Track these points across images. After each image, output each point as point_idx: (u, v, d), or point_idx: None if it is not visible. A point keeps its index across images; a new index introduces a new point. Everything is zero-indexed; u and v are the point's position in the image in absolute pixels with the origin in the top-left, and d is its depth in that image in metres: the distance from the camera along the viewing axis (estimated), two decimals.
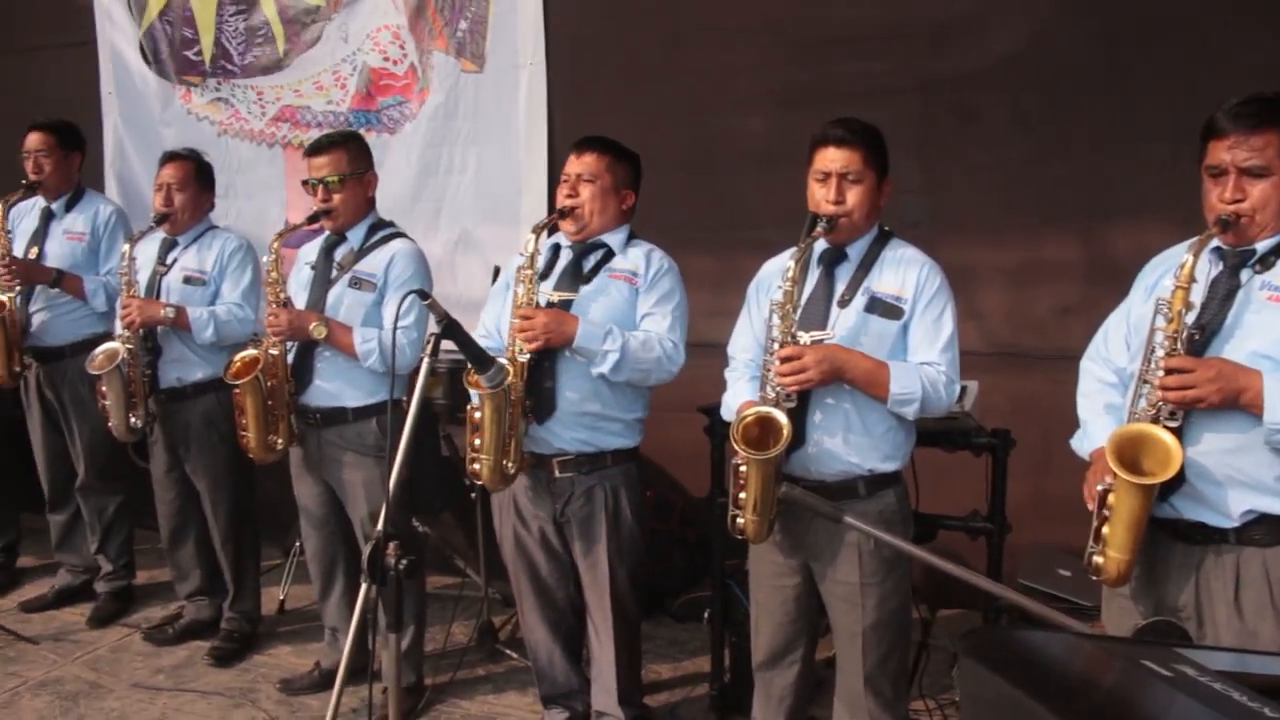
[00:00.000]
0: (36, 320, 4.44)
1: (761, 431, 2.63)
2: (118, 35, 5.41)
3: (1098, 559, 2.28)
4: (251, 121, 5.22)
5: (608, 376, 3.05)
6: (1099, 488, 2.29)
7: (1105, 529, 2.25)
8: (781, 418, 2.59)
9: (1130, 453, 2.21)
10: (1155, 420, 2.23)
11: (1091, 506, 2.32)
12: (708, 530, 4.02)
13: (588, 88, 4.64)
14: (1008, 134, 4.06)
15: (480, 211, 4.82)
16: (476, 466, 3.00)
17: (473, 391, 2.93)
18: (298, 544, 4.58)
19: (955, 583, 2.04)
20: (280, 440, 3.66)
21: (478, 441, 2.97)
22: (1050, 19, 3.96)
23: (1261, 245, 2.28)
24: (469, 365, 2.68)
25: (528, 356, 3.00)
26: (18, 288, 4.32)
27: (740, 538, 2.75)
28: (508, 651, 4.18)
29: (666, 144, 4.28)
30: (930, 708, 3.54)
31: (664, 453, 3.40)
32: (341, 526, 3.82)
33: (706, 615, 4.28)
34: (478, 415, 2.94)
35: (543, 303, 3.07)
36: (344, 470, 3.66)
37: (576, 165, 3.15)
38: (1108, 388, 2.55)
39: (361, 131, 4.44)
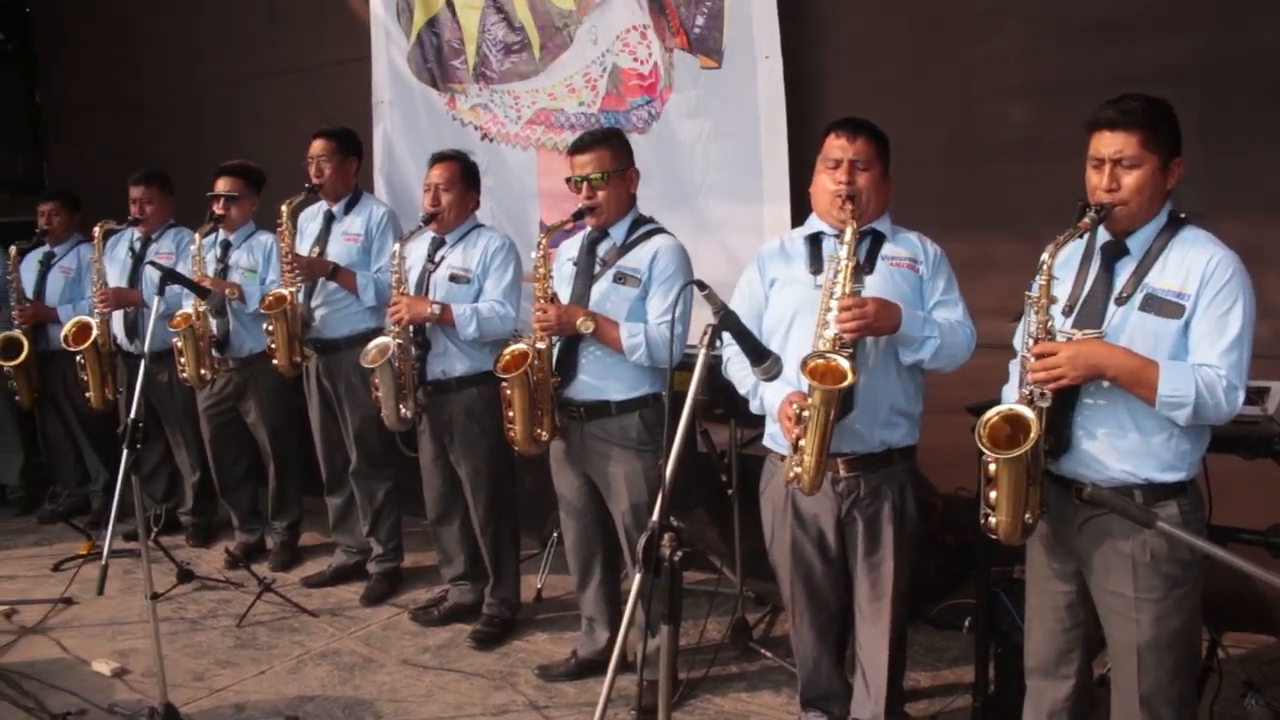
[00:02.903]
0: (317, 315, 4.73)
1: (1012, 430, 2.52)
2: (392, 48, 5.68)
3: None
4: (508, 125, 5.37)
5: (925, 364, 2.96)
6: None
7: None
8: (1030, 415, 2.46)
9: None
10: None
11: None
12: (970, 535, 3.86)
13: (834, 76, 4.52)
14: None
15: (722, 207, 4.76)
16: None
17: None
18: (555, 534, 4.71)
19: (1246, 604, 1.85)
20: (545, 433, 3.75)
21: (802, 444, 2.87)
22: None
23: None
24: None
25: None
26: (300, 283, 4.62)
27: (993, 537, 2.63)
28: (762, 650, 4.14)
29: (924, 133, 4.14)
30: None
31: (924, 453, 3.28)
32: (600, 519, 3.87)
33: (967, 623, 4.12)
34: None
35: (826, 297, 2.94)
36: (606, 463, 3.71)
37: (849, 149, 3.03)
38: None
39: None
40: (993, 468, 2.53)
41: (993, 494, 2.56)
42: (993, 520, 2.59)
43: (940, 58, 4.33)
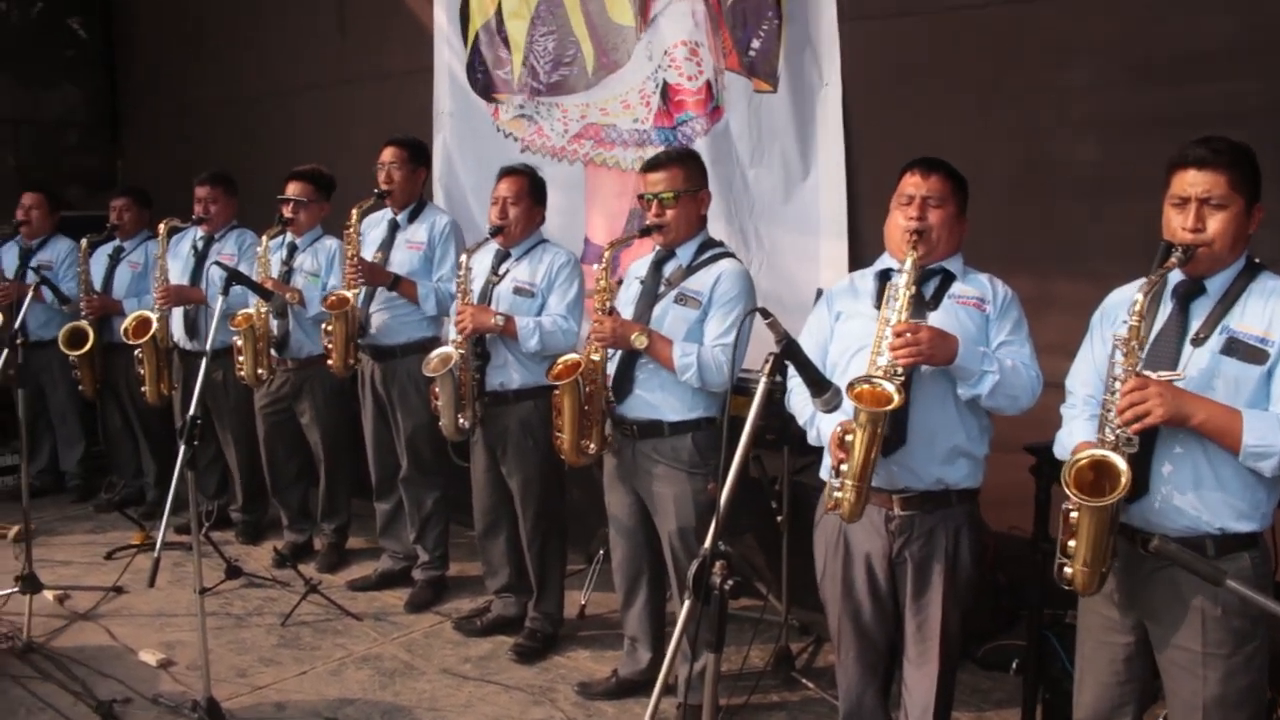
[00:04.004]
0: (375, 321, 4.77)
1: (1096, 477, 2.44)
2: (453, 58, 5.73)
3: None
4: (553, 139, 5.36)
5: (983, 400, 2.89)
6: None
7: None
8: (1120, 463, 2.39)
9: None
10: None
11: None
12: (1023, 576, 3.81)
13: (897, 107, 4.48)
14: None
15: (772, 232, 4.74)
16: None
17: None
18: (601, 552, 4.70)
19: None
20: (592, 445, 3.75)
21: (844, 468, 2.83)
22: None
23: None
24: None
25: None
26: (362, 286, 4.67)
27: (1067, 588, 2.54)
28: (804, 681, 4.10)
29: (991, 166, 4.08)
30: None
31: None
32: (649, 539, 3.86)
33: (1015, 665, 4.07)
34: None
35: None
36: (656, 483, 3.70)
37: (923, 187, 2.98)
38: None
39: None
40: (1074, 515, 2.45)
41: (1071, 542, 2.47)
42: (1069, 570, 2.50)
43: (1007, 90, 4.29)
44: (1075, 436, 2.68)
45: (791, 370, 2.52)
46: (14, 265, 6.19)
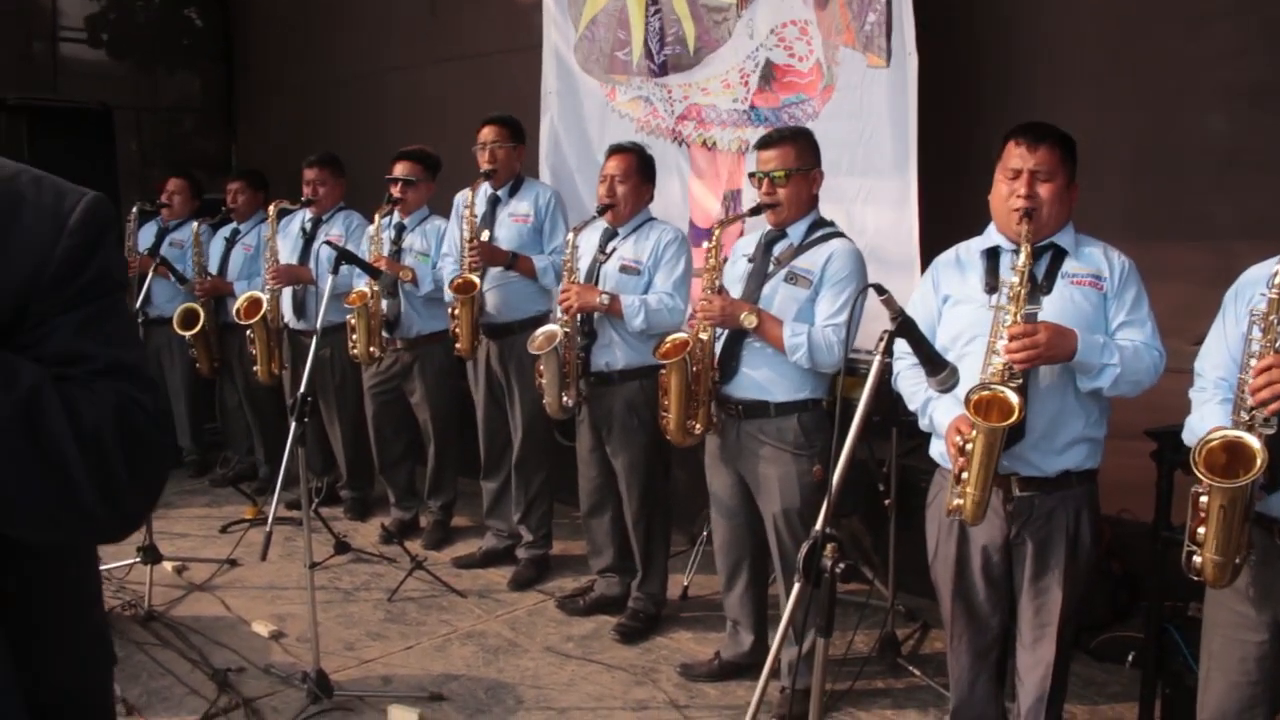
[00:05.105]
0: (490, 299, 4.79)
1: (1229, 459, 2.31)
2: (560, 39, 5.73)
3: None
4: (664, 119, 5.34)
5: (1104, 391, 2.79)
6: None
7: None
8: (1255, 443, 2.26)
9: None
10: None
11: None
12: (1141, 565, 3.67)
13: (1018, 76, 4.35)
14: None
15: (873, 212, 4.54)
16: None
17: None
18: (705, 533, 4.67)
19: None
20: (698, 425, 3.70)
21: (965, 476, 2.75)
22: None
23: None
24: None
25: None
26: (481, 268, 4.69)
27: (1196, 579, 2.42)
28: (910, 667, 4.02)
29: (1114, 139, 3.95)
30: None
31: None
32: (751, 521, 3.81)
33: (1131, 658, 3.93)
34: None
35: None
36: (760, 464, 3.65)
37: (1030, 159, 2.84)
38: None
39: (761, 129, 4.42)
40: (1204, 499, 2.33)
41: (1201, 529, 2.35)
42: (1198, 559, 2.38)
43: (1134, 58, 4.11)
44: (1207, 422, 2.52)
45: (900, 351, 2.45)
46: (148, 244, 6.37)
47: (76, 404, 1.23)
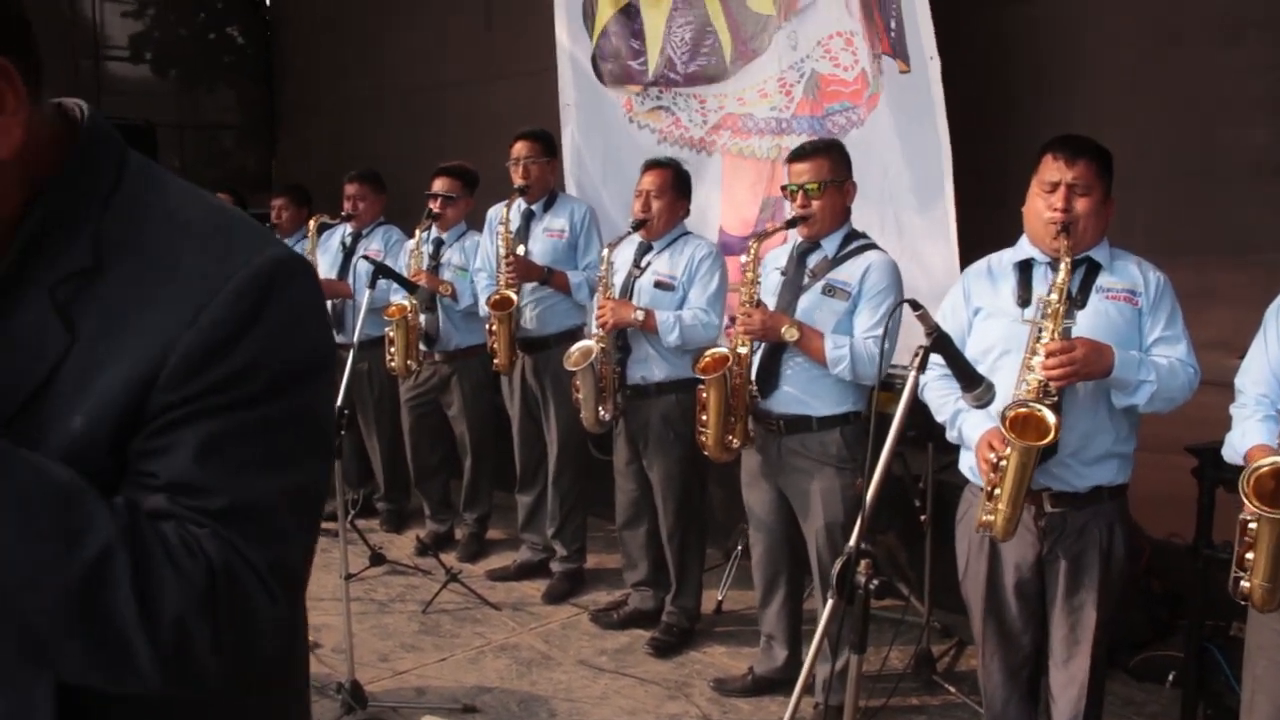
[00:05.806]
0: (526, 314, 4.81)
1: (1278, 485, 2.28)
2: (577, 49, 5.72)
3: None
4: (692, 129, 5.30)
5: (1140, 408, 2.78)
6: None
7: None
8: None
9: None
10: None
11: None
12: (1182, 583, 3.63)
13: (1049, 86, 4.33)
14: None
15: (912, 219, 4.52)
16: None
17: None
18: (740, 548, 4.66)
19: None
20: (736, 440, 3.69)
21: (997, 492, 2.75)
22: None
23: None
24: None
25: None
26: (518, 283, 4.71)
27: (1243, 603, 2.40)
28: (945, 684, 3.99)
29: (1151, 150, 3.93)
30: None
31: (1134, 493, 3.08)
32: (789, 536, 3.80)
33: (1171, 678, 3.88)
34: None
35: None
36: (803, 479, 3.64)
37: (1068, 173, 2.81)
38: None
39: (802, 137, 4.41)
40: (1253, 525, 2.30)
41: (1249, 555, 2.33)
42: (1246, 584, 2.36)
43: (1168, 69, 4.09)
44: (1248, 439, 2.51)
45: (930, 363, 2.44)
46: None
47: (155, 584, 0.96)
